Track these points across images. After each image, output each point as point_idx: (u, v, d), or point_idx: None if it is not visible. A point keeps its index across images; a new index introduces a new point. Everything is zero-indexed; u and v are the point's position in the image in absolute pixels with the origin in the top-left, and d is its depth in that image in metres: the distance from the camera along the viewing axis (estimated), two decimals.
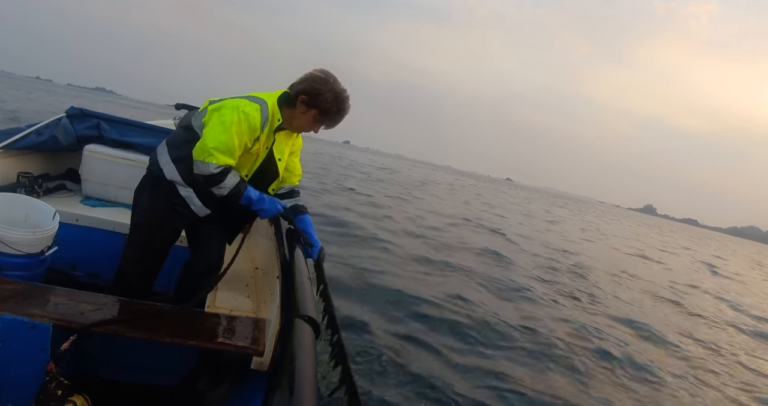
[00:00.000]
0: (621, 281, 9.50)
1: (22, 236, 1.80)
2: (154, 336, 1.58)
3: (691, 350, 5.70)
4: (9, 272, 1.77)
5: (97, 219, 2.59)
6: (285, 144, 1.98)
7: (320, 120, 1.87)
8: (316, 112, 1.84)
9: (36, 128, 2.89)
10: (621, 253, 15.54)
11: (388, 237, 8.00)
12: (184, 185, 1.85)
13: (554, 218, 24.73)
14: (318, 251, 1.98)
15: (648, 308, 7.59)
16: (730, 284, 14.32)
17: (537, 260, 9.35)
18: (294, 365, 1.19)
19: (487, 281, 6.55)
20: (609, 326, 5.80)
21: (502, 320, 4.93)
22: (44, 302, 1.57)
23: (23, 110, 18.47)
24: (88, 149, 2.89)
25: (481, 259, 8.19)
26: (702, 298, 10.12)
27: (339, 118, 1.89)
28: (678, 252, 22.96)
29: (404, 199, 16.08)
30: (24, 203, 2.03)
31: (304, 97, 1.82)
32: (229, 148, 1.73)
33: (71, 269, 2.49)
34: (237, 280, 2.35)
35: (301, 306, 1.53)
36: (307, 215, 2.11)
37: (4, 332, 1.44)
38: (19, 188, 2.62)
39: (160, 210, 1.89)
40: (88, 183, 2.94)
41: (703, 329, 7.11)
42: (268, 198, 1.89)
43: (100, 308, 1.62)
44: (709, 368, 5.15)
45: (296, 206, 2.10)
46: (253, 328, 1.77)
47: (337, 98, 1.83)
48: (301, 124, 1.90)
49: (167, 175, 1.86)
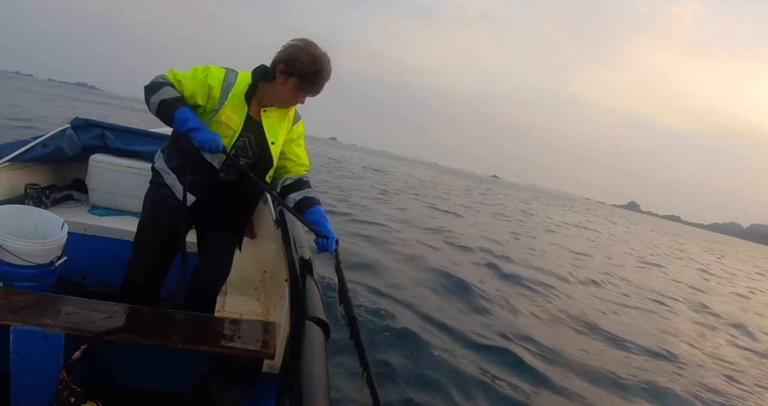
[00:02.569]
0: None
1: (31, 247, 1.81)
2: (165, 342, 1.59)
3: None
4: (20, 283, 1.78)
5: (105, 228, 2.61)
6: (279, 127, 1.89)
7: (301, 86, 1.76)
8: (295, 79, 1.74)
9: (42, 140, 2.92)
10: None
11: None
12: (168, 172, 1.86)
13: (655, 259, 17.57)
14: (335, 244, 1.80)
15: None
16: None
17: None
18: (305, 367, 1.19)
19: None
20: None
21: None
22: (55, 312, 1.58)
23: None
24: (93, 159, 2.92)
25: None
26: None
27: (319, 81, 1.77)
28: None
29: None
30: (32, 215, 2.05)
31: (282, 66, 1.74)
32: (177, 77, 1.74)
33: (81, 278, 2.51)
34: (246, 284, 2.36)
35: (311, 308, 1.54)
36: (319, 205, 1.91)
37: (17, 343, 1.45)
38: (27, 200, 2.65)
39: (157, 208, 1.89)
40: (95, 192, 2.96)
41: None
42: (207, 131, 1.71)
43: (110, 316, 1.63)
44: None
45: (306, 197, 1.92)
46: (264, 331, 1.78)
47: (313, 60, 1.72)
48: (284, 96, 1.80)
49: (156, 165, 1.90)
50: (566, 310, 6.35)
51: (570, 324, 5.78)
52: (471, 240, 10.23)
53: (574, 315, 6.18)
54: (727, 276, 18.00)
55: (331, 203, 11.10)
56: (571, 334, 5.44)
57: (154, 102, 1.71)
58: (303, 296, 1.63)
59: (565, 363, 4.35)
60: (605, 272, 10.47)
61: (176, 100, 1.71)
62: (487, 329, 4.79)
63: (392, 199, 16.19)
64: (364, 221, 9.66)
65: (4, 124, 12.65)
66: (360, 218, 9.85)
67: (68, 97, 49.30)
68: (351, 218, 9.71)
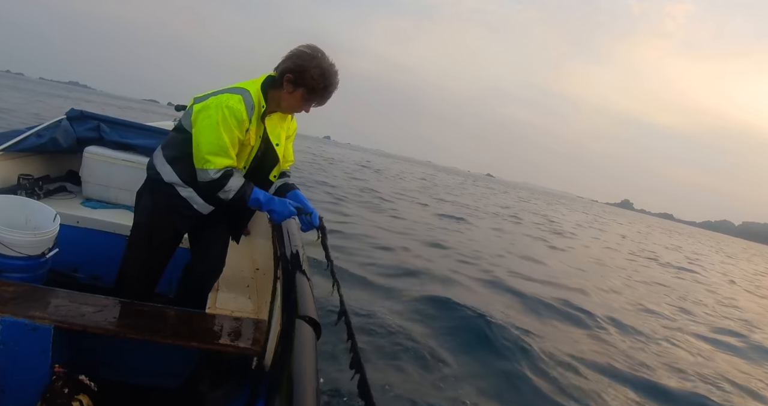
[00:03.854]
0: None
1: (22, 238, 1.80)
2: (155, 338, 1.58)
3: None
4: (10, 274, 1.77)
5: (97, 221, 2.60)
6: (280, 128, 1.91)
7: (309, 98, 1.79)
8: (303, 90, 1.75)
9: (36, 130, 2.89)
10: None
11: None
12: (183, 186, 1.83)
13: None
14: (318, 218, 1.91)
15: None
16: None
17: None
18: (295, 365, 1.19)
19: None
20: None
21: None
22: (45, 304, 1.57)
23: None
24: (88, 151, 2.90)
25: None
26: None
27: (327, 95, 1.81)
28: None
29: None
30: (24, 205, 2.04)
31: (290, 76, 1.74)
32: (222, 149, 1.69)
33: (72, 271, 2.49)
34: (238, 281, 2.36)
35: (302, 307, 1.54)
36: (298, 189, 2.02)
37: (5, 335, 1.44)
38: (19, 190, 2.63)
39: (161, 212, 1.88)
40: (89, 185, 2.94)
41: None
42: (278, 199, 1.83)
43: (101, 309, 1.62)
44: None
45: (285, 183, 2.02)
46: (254, 329, 1.77)
47: (323, 74, 1.74)
48: (290, 105, 1.82)
49: (165, 177, 1.84)
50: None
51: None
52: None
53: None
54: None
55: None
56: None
57: (225, 199, 1.77)
58: (294, 294, 1.63)
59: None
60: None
61: (243, 191, 1.76)
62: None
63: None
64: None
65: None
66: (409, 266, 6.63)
67: (56, 95, 48.16)
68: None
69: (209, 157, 1.69)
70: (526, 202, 25.32)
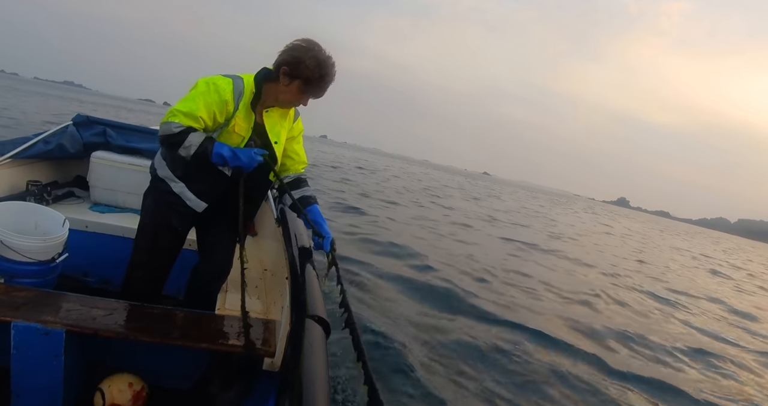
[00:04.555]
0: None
1: (32, 243, 1.81)
2: (165, 340, 1.59)
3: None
4: (21, 280, 1.79)
5: (106, 225, 2.61)
6: (280, 126, 1.90)
7: (305, 90, 1.77)
8: (299, 82, 1.74)
9: (43, 137, 2.92)
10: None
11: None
12: (175, 180, 1.83)
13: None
14: (330, 243, 1.86)
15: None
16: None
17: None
18: (305, 365, 1.19)
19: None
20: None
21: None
22: (56, 308, 1.58)
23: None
24: (95, 156, 2.92)
25: None
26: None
27: (323, 85, 1.78)
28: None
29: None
30: (34, 211, 2.06)
31: (286, 68, 1.73)
32: (192, 113, 1.66)
33: (82, 275, 2.51)
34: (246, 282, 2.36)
35: (311, 306, 1.53)
36: (317, 205, 1.98)
37: (18, 339, 1.45)
38: (28, 197, 2.65)
39: (160, 210, 1.89)
40: (96, 189, 2.96)
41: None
42: (240, 150, 1.73)
43: (111, 313, 1.63)
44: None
45: (304, 196, 1.97)
46: (264, 329, 1.78)
47: (319, 65, 1.72)
48: (287, 98, 1.80)
49: (160, 173, 1.85)
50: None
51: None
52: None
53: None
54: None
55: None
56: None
57: (186, 156, 1.70)
58: (303, 294, 1.63)
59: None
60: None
61: (204, 146, 1.68)
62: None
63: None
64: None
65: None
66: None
67: (51, 95, 47.68)
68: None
69: (177, 113, 1.67)
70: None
